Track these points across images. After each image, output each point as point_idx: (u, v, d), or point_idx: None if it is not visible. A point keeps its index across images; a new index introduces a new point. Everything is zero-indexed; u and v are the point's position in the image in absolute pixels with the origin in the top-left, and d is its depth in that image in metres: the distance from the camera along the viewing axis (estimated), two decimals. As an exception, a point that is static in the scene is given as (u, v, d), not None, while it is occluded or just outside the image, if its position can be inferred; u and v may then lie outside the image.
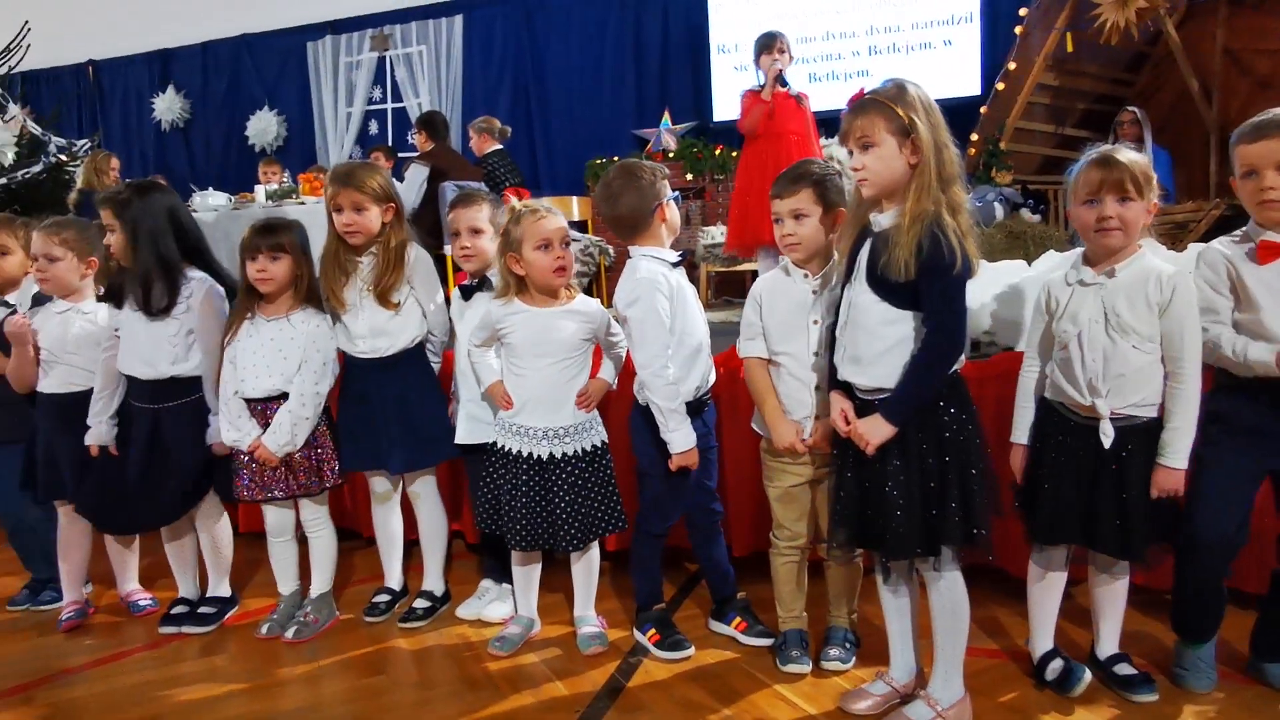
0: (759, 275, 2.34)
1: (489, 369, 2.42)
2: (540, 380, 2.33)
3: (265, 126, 9.04)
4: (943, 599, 1.94)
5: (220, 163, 9.28)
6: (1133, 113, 5.64)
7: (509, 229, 2.31)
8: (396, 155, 7.21)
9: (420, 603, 2.69)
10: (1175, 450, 1.89)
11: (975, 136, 6.14)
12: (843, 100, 1.99)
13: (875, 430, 1.85)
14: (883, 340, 1.86)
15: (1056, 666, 2.09)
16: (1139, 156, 1.91)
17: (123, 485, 2.59)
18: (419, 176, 5.50)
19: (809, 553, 2.32)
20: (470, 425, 2.58)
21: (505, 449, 2.36)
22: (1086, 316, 1.92)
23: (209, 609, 2.73)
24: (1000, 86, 6.19)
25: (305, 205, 5.81)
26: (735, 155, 7.05)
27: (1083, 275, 1.95)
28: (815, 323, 2.14)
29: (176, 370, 2.55)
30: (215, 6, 8.94)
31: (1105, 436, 1.90)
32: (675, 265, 2.29)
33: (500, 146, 5.80)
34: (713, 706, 2.12)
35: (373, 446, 2.58)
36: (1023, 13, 6.15)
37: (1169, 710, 2.00)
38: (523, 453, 2.33)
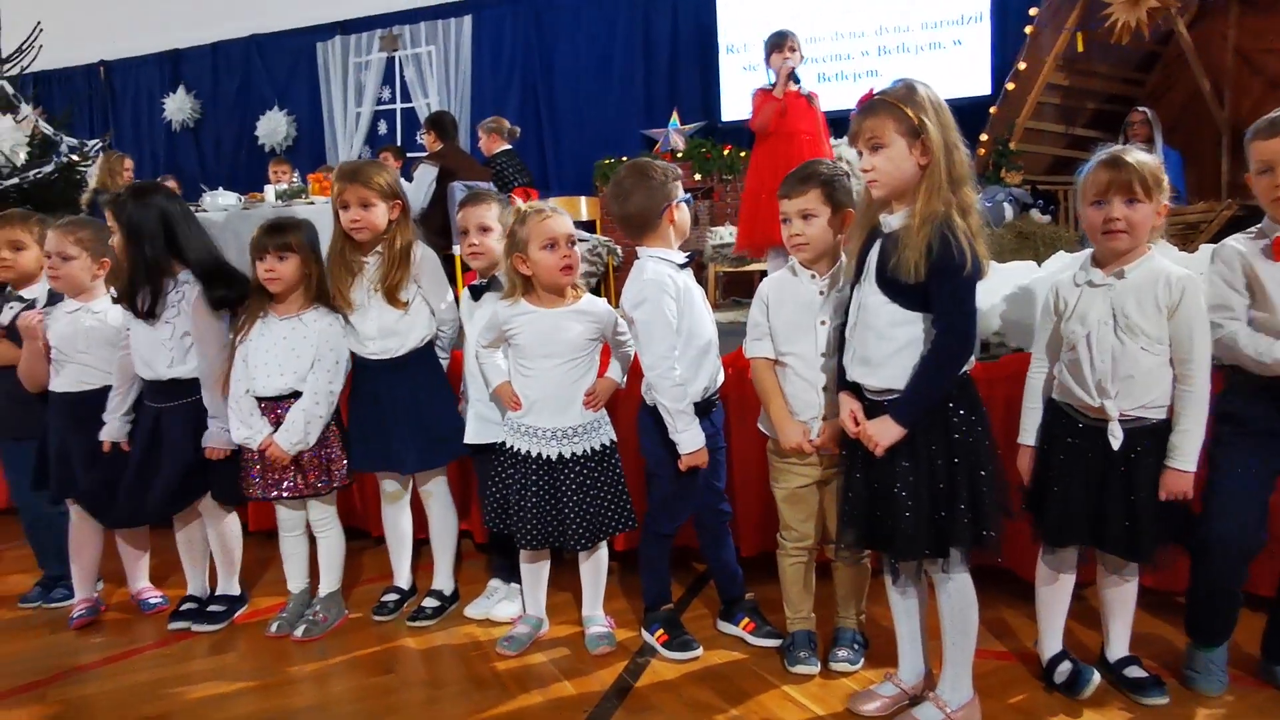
0: (768, 275, 2.34)
1: (496, 370, 2.43)
2: (548, 380, 2.33)
3: (275, 126, 9.07)
4: (951, 601, 1.93)
5: (230, 163, 9.32)
6: (1143, 113, 5.61)
7: (514, 229, 2.31)
8: (405, 155, 7.23)
9: (429, 602, 2.69)
10: (1184, 453, 1.88)
11: (985, 137, 6.13)
12: (852, 100, 1.98)
13: (884, 432, 1.84)
14: (892, 341, 1.86)
15: (1065, 669, 2.09)
16: (1148, 158, 1.90)
17: (120, 480, 2.62)
18: (428, 176, 5.52)
19: (816, 554, 2.32)
20: (479, 425, 2.58)
21: (514, 449, 2.36)
22: (1095, 318, 1.91)
23: (218, 607, 2.74)
24: (1010, 86, 6.17)
25: (315, 205, 5.83)
26: (744, 155, 7.08)
27: (1091, 276, 1.94)
28: (823, 323, 2.14)
29: (175, 373, 2.56)
30: (226, 7, 8.98)
31: (1114, 438, 1.89)
32: (683, 267, 2.30)
33: (509, 147, 5.81)
34: (721, 707, 2.12)
35: (384, 447, 2.59)
36: (1033, 12, 6.13)
37: (1180, 713, 2.00)
38: (531, 453, 2.33)
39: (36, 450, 2.75)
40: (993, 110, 6.23)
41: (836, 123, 4.74)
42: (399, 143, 8.34)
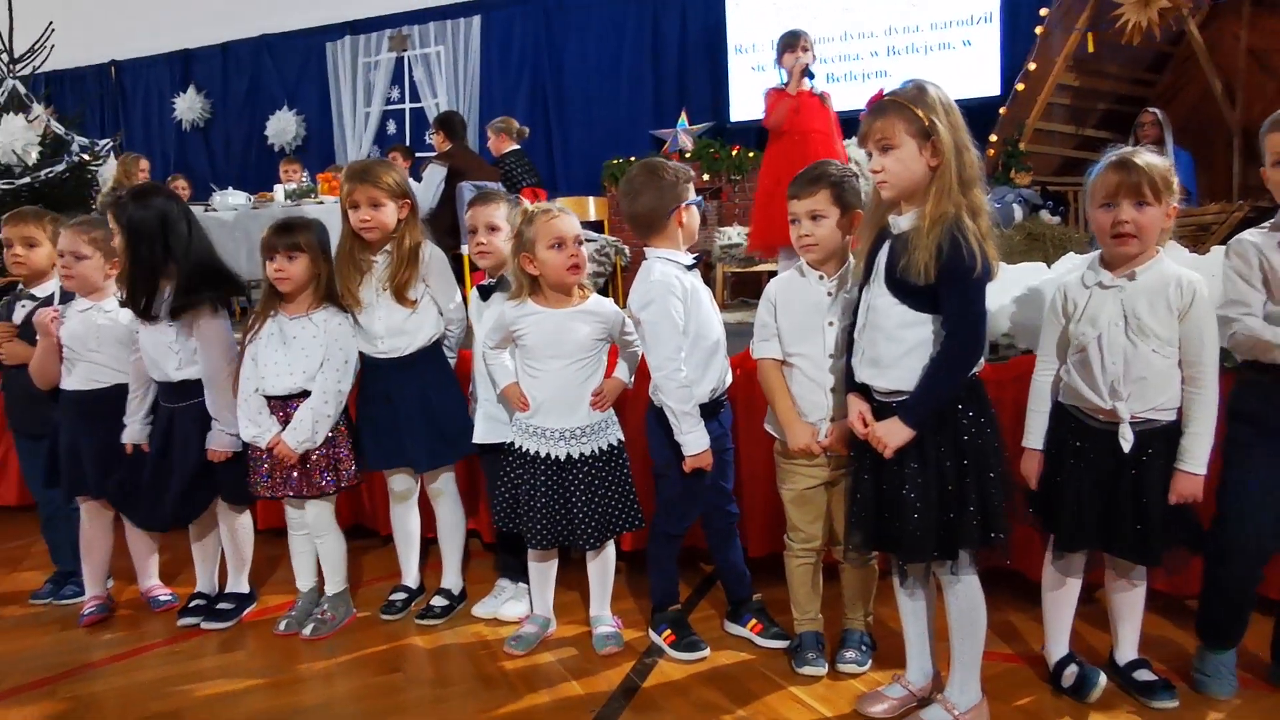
0: (776, 276, 2.34)
1: (504, 371, 2.43)
2: (556, 381, 2.33)
3: (284, 126, 9.10)
4: (959, 603, 1.93)
5: (240, 163, 9.35)
6: (1154, 114, 5.58)
7: (521, 230, 2.31)
8: (414, 155, 7.24)
9: (438, 600, 2.70)
10: (1195, 455, 1.88)
11: (994, 137, 6.10)
12: (861, 101, 1.98)
13: (893, 433, 1.84)
14: (902, 343, 1.85)
15: (1072, 672, 2.08)
16: (1158, 160, 1.89)
17: (140, 481, 2.63)
18: (436, 176, 5.53)
19: (824, 555, 2.32)
20: (488, 425, 2.59)
21: (523, 450, 2.37)
22: (1106, 319, 1.90)
23: (228, 605, 2.75)
24: (1020, 87, 6.14)
25: (324, 204, 5.85)
26: (753, 155, 7.07)
27: (1101, 278, 1.94)
28: (830, 324, 2.14)
29: (184, 374, 2.57)
30: (236, 7, 9.00)
31: (1125, 440, 1.89)
32: (690, 268, 2.29)
33: (518, 147, 5.81)
34: (728, 708, 2.12)
35: (396, 445, 2.60)
36: (1043, 13, 6.10)
37: (1189, 716, 1.99)
38: (540, 453, 2.34)
39: (48, 448, 2.77)
40: (1002, 111, 6.21)
41: (846, 123, 4.73)
42: (408, 142, 8.35)
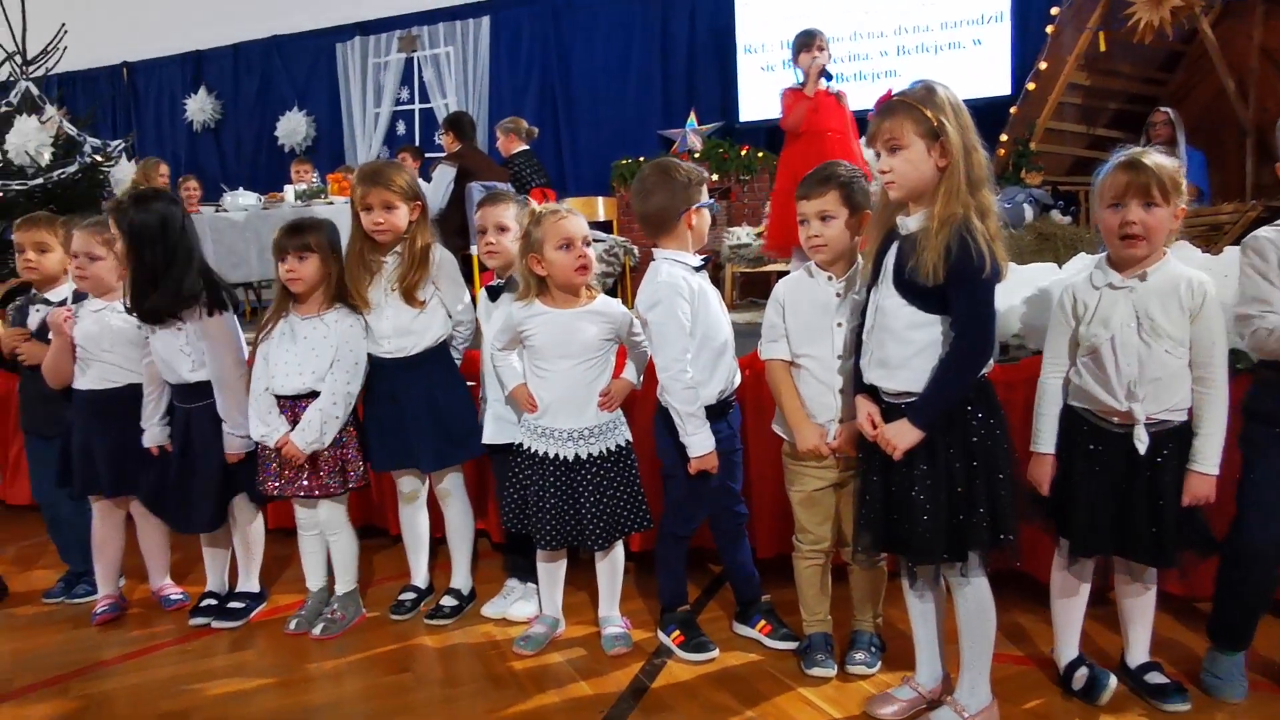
0: (785, 277, 2.33)
1: (512, 372, 2.43)
2: (564, 381, 2.33)
3: (295, 127, 9.13)
4: (968, 605, 1.92)
5: (251, 163, 9.39)
6: (1166, 113, 5.55)
7: (529, 230, 2.32)
8: (424, 155, 7.25)
9: (447, 600, 2.71)
10: (1208, 456, 1.87)
11: (1005, 137, 6.08)
12: (871, 101, 1.97)
13: (902, 435, 1.84)
14: (910, 344, 1.85)
15: (1082, 674, 2.07)
16: (1167, 160, 1.88)
17: (168, 483, 2.65)
18: (446, 177, 5.54)
19: (832, 556, 2.31)
20: (497, 426, 2.59)
21: (531, 450, 2.37)
22: (1119, 321, 1.89)
23: (238, 604, 2.77)
24: (1031, 86, 6.12)
25: (334, 205, 5.87)
26: (762, 155, 7.06)
27: (1111, 279, 1.93)
28: (839, 325, 2.13)
29: (198, 376, 2.58)
30: (246, 8, 9.04)
31: (1140, 442, 1.88)
32: (698, 269, 2.29)
33: (527, 147, 5.82)
34: (737, 709, 2.12)
35: (403, 446, 2.61)
36: (1054, 12, 6.08)
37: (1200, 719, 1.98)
38: (549, 454, 2.34)
39: (60, 448, 2.78)
40: (1013, 110, 6.18)
41: (859, 123, 4.72)
42: (417, 143, 8.36)
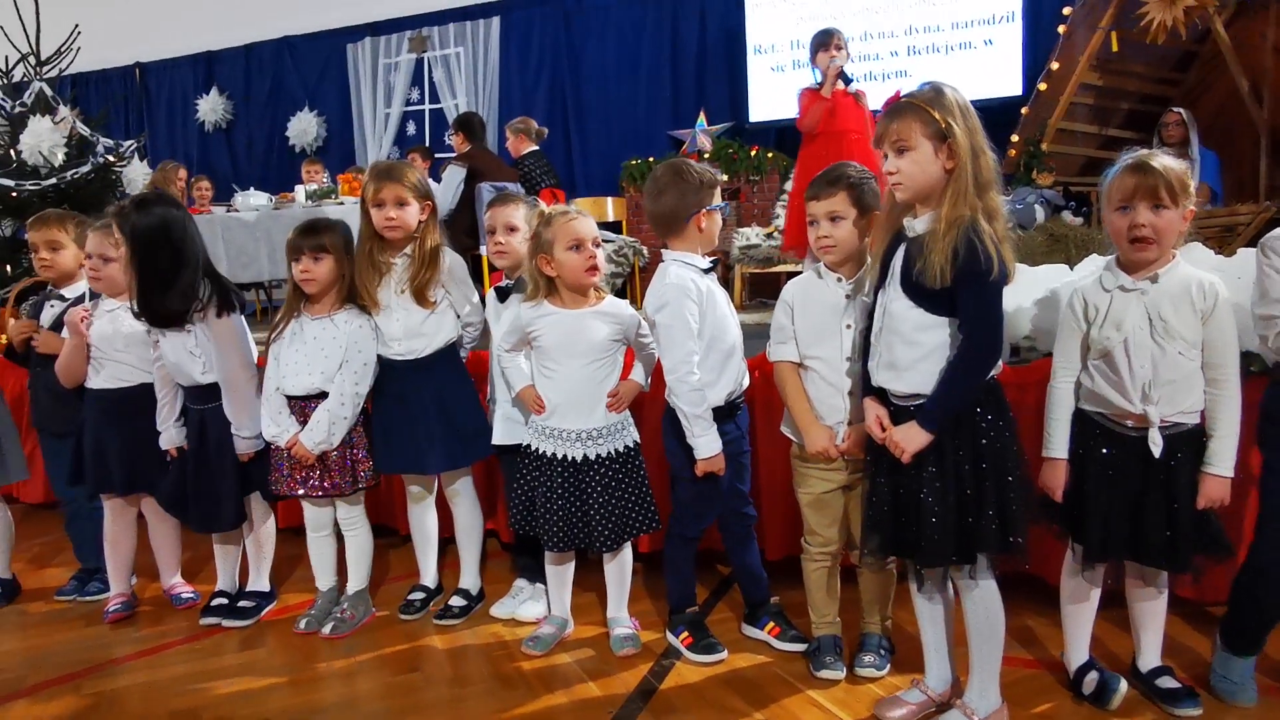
0: (794, 278, 2.33)
1: (520, 373, 2.43)
2: (572, 382, 2.34)
3: (305, 127, 9.16)
4: (977, 607, 1.92)
5: (262, 163, 9.42)
6: (1178, 114, 5.51)
7: (539, 231, 2.32)
8: (434, 156, 7.27)
9: (456, 600, 2.71)
10: (1223, 458, 1.86)
11: (1016, 137, 6.05)
12: (880, 102, 1.97)
13: (911, 438, 1.83)
14: (919, 347, 1.85)
15: (1093, 679, 2.06)
16: (1175, 162, 1.87)
17: (185, 484, 2.66)
18: (456, 178, 5.55)
19: (841, 558, 2.31)
20: (506, 426, 2.59)
21: (539, 451, 2.37)
22: (1131, 323, 1.88)
23: (248, 603, 2.78)
24: (1042, 87, 6.09)
25: (344, 205, 5.89)
26: (771, 156, 7.05)
27: (1122, 281, 1.92)
28: (848, 327, 2.13)
29: (210, 378, 2.59)
30: (258, 9, 9.08)
31: (1155, 445, 1.87)
32: (707, 271, 2.29)
33: (536, 148, 5.82)
34: (745, 711, 2.12)
35: (411, 448, 2.60)
36: (1066, 11, 6.04)
37: (1212, 725, 1.97)
38: (556, 455, 2.34)
39: (73, 446, 2.80)
40: (1024, 111, 6.15)
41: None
42: (427, 143, 8.39)
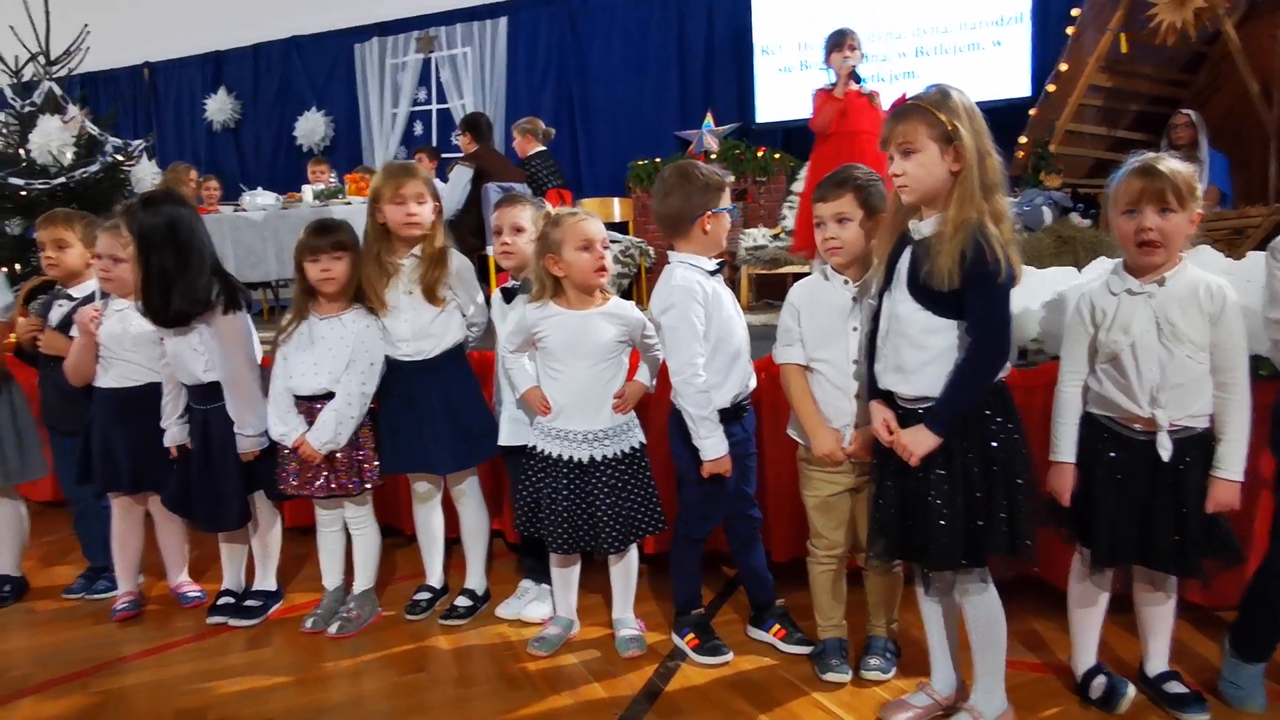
0: (800, 280, 2.33)
1: (525, 374, 2.44)
2: (578, 383, 2.34)
3: (313, 127, 9.17)
4: (977, 611, 1.92)
5: (269, 163, 9.44)
6: (1187, 115, 5.49)
7: (547, 231, 2.32)
8: (440, 156, 7.28)
9: (462, 601, 2.72)
10: (1233, 462, 1.86)
11: (1024, 139, 6.03)
12: (887, 104, 1.97)
13: (919, 441, 1.83)
14: (926, 350, 1.84)
15: (1100, 683, 2.05)
16: (1182, 166, 1.86)
17: (189, 483, 2.67)
18: (463, 178, 5.56)
19: (848, 561, 2.30)
20: (512, 427, 2.60)
21: (544, 453, 2.37)
22: (1139, 327, 1.88)
23: (255, 602, 2.79)
24: (1051, 88, 6.07)
25: (351, 205, 5.89)
26: (778, 157, 7.04)
27: (1129, 284, 1.91)
28: (855, 329, 2.13)
29: (212, 376, 2.59)
30: (266, 9, 9.10)
31: (1163, 449, 1.86)
32: (713, 273, 2.29)
33: (543, 148, 5.82)
34: (751, 714, 2.11)
35: (419, 448, 2.61)
36: (1075, 13, 6.02)
37: (1220, 730, 1.96)
38: (562, 456, 2.34)
39: (80, 445, 2.81)
40: (1032, 112, 6.13)
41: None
42: (434, 143, 8.40)
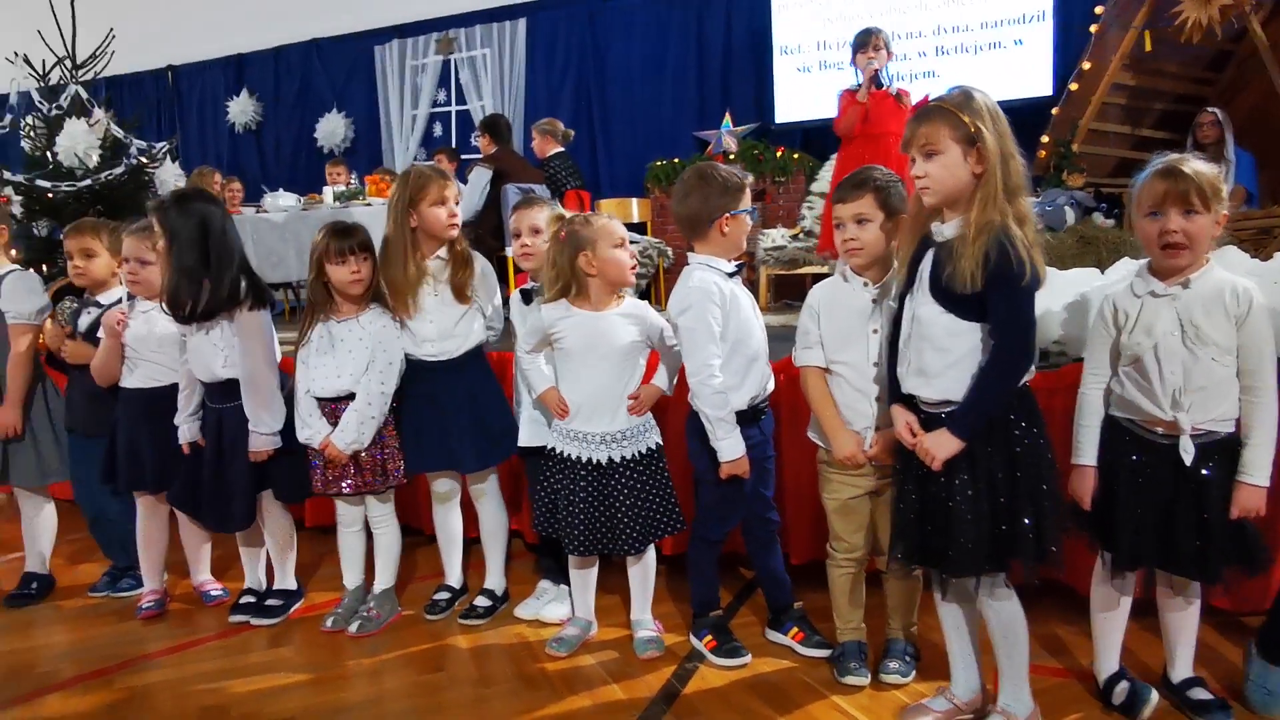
0: (819, 282, 2.32)
1: (541, 376, 2.44)
2: (595, 384, 2.34)
3: (333, 128, 9.24)
4: (1000, 617, 1.91)
5: (290, 165, 9.52)
6: (1213, 114, 5.42)
7: (578, 230, 2.31)
8: (460, 157, 7.31)
9: (481, 600, 2.73)
10: (1258, 467, 1.83)
11: (1046, 138, 5.98)
12: (915, 101, 1.96)
13: (942, 445, 1.82)
14: (950, 353, 1.83)
15: (1123, 689, 2.03)
16: (1206, 167, 1.83)
17: (201, 483, 2.69)
18: (482, 179, 5.58)
19: (867, 564, 2.29)
20: (531, 428, 2.60)
21: (563, 454, 2.38)
22: (1162, 329, 1.85)
23: (276, 601, 2.81)
24: (1074, 87, 6.01)
25: (372, 206, 5.93)
26: (797, 157, 7.02)
27: (1153, 287, 1.89)
28: (875, 332, 2.12)
29: (229, 373, 2.60)
30: (287, 12, 9.18)
31: (1186, 453, 1.84)
32: (731, 275, 2.28)
33: (562, 149, 5.84)
34: (770, 716, 2.11)
35: (443, 448, 2.62)
36: (1098, 11, 5.96)
37: (1245, 737, 1.94)
38: (581, 458, 2.34)
39: (106, 444, 2.84)
40: (1055, 111, 6.07)
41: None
42: (454, 145, 8.44)
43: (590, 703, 2.20)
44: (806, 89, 7.14)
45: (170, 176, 5.86)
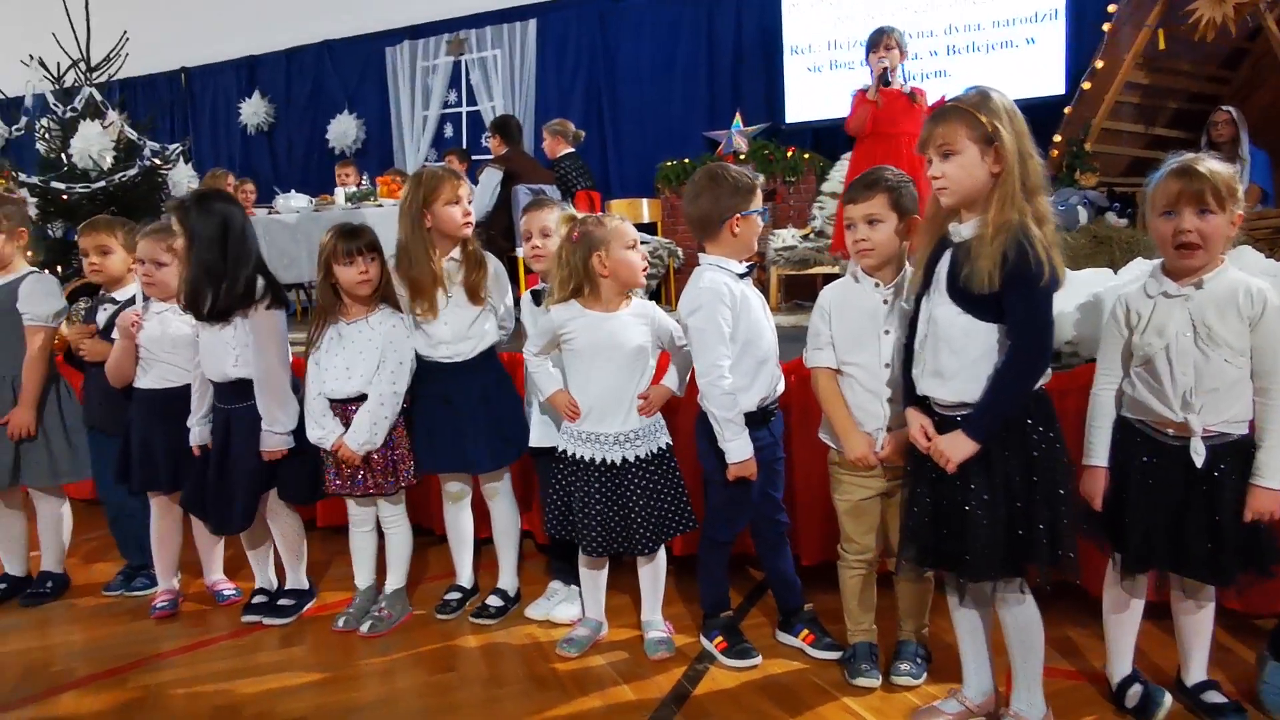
0: (830, 283, 2.31)
1: (550, 378, 2.44)
2: (606, 384, 2.34)
3: (345, 130, 9.28)
4: (1017, 620, 1.90)
5: (302, 166, 9.56)
6: (1228, 112, 5.38)
7: (592, 230, 2.31)
8: (471, 158, 7.33)
9: (493, 600, 2.73)
10: (1274, 469, 1.81)
11: (1059, 137, 5.95)
12: (931, 100, 1.96)
13: (957, 448, 1.81)
14: (966, 354, 1.82)
15: (1136, 691, 2.02)
16: (1221, 166, 1.82)
17: (206, 484, 2.69)
18: (493, 180, 5.59)
19: (878, 565, 2.29)
20: (542, 429, 2.61)
21: (575, 456, 2.38)
22: (1174, 329, 1.84)
23: (288, 601, 2.82)
24: (1086, 85, 5.97)
25: (383, 207, 5.95)
26: (808, 157, 7.01)
27: (1166, 287, 1.87)
28: (886, 333, 2.11)
29: (240, 373, 2.60)
30: (300, 14, 9.22)
31: (1197, 455, 1.82)
32: (742, 276, 2.28)
33: (573, 149, 5.84)
34: (780, 718, 2.11)
35: (457, 449, 2.63)
36: (1111, 9, 5.93)
37: (1261, 741, 1.92)
38: (595, 459, 2.35)
39: (120, 444, 2.86)
40: (1067, 110, 6.04)
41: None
42: (465, 145, 8.46)
43: (601, 703, 2.21)
44: (817, 89, 7.13)
45: (183, 178, 5.91)
